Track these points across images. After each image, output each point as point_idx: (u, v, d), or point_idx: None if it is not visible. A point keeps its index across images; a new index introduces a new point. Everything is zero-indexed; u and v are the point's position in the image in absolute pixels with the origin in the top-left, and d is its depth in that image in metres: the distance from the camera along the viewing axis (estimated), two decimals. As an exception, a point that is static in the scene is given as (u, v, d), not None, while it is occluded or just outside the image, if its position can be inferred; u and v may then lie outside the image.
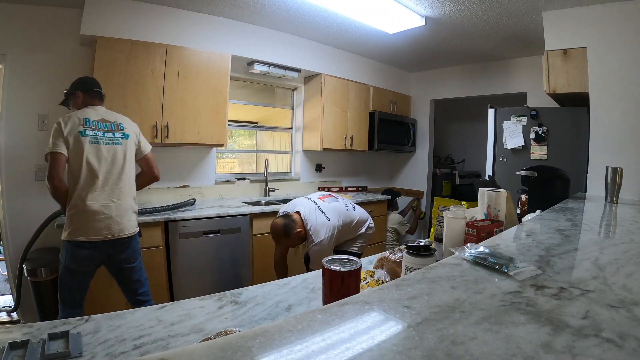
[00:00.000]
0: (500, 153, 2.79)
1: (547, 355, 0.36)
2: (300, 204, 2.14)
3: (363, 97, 3.87)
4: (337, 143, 3.63)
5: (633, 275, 0.64)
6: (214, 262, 2.53)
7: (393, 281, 0.60)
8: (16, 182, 2.33)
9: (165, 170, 2.88)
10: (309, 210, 2.06)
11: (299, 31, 3.21)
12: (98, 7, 2.33)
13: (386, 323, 0.44)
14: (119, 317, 0.81)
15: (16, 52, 2.29)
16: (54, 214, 2.21)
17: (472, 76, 4.04)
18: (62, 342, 0.69)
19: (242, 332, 0.51)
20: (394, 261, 1.07)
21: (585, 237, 1.02)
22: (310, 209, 2.07)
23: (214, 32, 2.84)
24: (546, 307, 0.49)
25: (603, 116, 2.28)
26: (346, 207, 2.20)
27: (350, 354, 0.36)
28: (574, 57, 2.38)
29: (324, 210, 2.07)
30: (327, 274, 0.73)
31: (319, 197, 2.21)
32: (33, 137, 2.36)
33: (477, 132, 4.76)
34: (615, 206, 1.71)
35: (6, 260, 2.43)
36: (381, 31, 3.01)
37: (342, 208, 2.17)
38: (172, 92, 2.55)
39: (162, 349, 0.69)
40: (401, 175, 4.80)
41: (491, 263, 0.66)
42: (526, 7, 2.46)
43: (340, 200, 2.26)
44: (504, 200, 1.24)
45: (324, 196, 2.25)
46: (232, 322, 0.81)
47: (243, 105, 3.42)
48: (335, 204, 2.18)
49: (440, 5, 2.51)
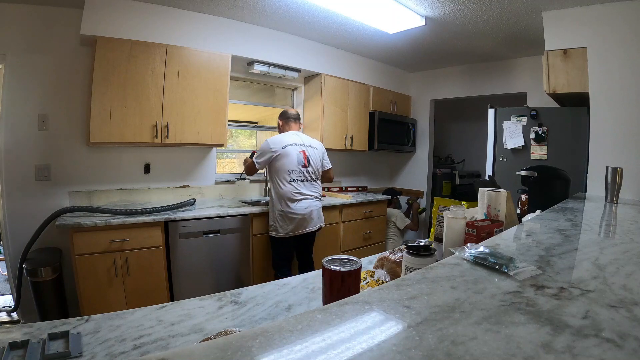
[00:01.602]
0: (500, 153, 2.79)
1: (547, 355, 0.36)
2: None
3: (363, 97, 3.87)
4: (337, 143, 3.63)
5: (633, 275, 0.64)
6: (214, 262, 2.53)
7: (393, 281, 0.60)
8: (16, 182, 2.33)
9: (165, 170, 2.88)
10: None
11: (299, 31, 3.21)
12: (98, 7, 2.33)
13: (386, 323, 0.44)
14: (119, 317, 0.81)
15: (16, 52, 2.29)
16: (54, 214, 2.21)
17: (472, 76, 4.04)
18: (62, 342, 0.69)
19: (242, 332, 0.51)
20: (394, 261, 1.07)
21: (585, 237, 1.02)
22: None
23: (214, 32, 2.84)
24: (546, 307, 0.49)
25: (603, 116, 2.28)
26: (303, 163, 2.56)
27: (350, 354, 0.36)
28: (574, 57, 2.38)
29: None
30: (327, 274, 0.73)
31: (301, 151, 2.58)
32: (33, 137, 2.36)
33: (477, 132, 4.77)
34: (615, 206, 1.71)
35: (6, 260, 2.43)
36: (381, 31, 3.01)
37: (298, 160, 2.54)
38: (172, 92, 2.55)
39: (162, 349, 0.69)
40: (401, 175, 4.80)
41: (491, 263, 0.66)
42: (526, 7, 2.46)
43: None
44: (504, 200, 1.24)
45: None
46: (232, 322, 0.81)
47: (243, 105, 3.42)
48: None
49: (440, 5, 2.51)
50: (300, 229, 2.53)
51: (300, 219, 2.51)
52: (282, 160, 2.50)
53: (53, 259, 2.21)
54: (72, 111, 2.46)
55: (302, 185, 2.54)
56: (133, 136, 2.42)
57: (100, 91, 2.28)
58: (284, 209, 2.49)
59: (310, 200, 2.57)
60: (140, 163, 2.76)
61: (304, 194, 2.53)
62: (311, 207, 2.56)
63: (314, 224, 2.59)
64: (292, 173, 2.51)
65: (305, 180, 2.57)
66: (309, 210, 2.54)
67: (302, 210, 2.51)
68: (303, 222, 2.53)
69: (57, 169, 2.44)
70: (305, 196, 2.54)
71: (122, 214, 2.23)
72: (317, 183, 2.67)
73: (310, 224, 2.56)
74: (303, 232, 2.55)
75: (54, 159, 2.43)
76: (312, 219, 2.57)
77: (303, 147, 2.60)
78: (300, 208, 2.51)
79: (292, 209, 2.49)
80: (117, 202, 2.65)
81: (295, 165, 2.52)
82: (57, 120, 2.43)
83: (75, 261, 2.03)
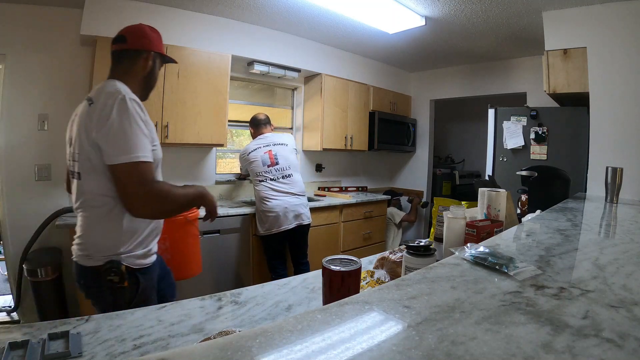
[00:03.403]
0: (500, 153, 2.79)
1: (547, 355, 0.36)
2: None
3: (363, 97, 3.87)
4: (337, 143, 3.63)
5: (633, 275, 0.64)
6: (214, 262, 2.53)
7: (393, 281, 0.60)
8: (16, 182, 2.33)
9: (165, 171, 2.86)
10: None
11: (299, 31, 3.21)
12: (98, 7, 2.33)
13: (386, 323, 0.44)
14: (119, 317, 0.81)
15: (16, 52, 2.29)
16: (54, 214, 2.21)
17: (472, 76, 4.04)
18: (62, 342, 0.69)
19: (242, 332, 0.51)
20: (394, 261, 1.07)
21: (585, 237, 1.02)
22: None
23: (214, 32, 2.84)
24: (546, 307, 0.49)
25: (603, 116, 2.28)
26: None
27: (350, 354, 0.36)
28: (574, 57, 2.38)
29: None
30: (327, 274, 0.73)
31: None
32: (33, 137, 2.36)
33: (477, 132, 4.77)
34: (615, 206, 1.71)
35: (6, 260, 2.43)
36: (381, 31, 3.01)
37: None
38: (172, 92, 2.55)
39: (162, 349, 0.69)
40: (401, 175, 4.80)
41: (491, 263, 0.66)
42: (526, 7, 2.46)
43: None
44: (504, 200, 1.24)
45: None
46: (232, 322, 0.81)
47: (243, 105, 3.42)
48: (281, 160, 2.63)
49: (440, 5, 2.51)
50: (275, 227, 2.53)
51: (274, 217, 2.52)
52: (251, 166, 2.63)
53: (53, 259, 2.21)
54: (72, 111, 2.45)
55: (273, 183, 2.58)
56: (133, 136, 2.42)
57: (100, 91, 2.28)
58: (260, 208, 2.58)
59: (285, 198, 2.57)
60: (140, 163, 2.76)
61: (277, 192, 2.56)
62: (285, 204, 2.56)
63: (289, 222, 2.56)
64: (259, 175, 2.60)
65: (275, 179, 2.59)
66: (282, 207, 2.54)
67: (275, 208, 2.53)
68: (277, 220, 2.53)
69: (57, 169, 2.44)
70: (278, 194, 2.56)
71: (122, 214, 2.22)
72: (292, 179, 2.65)
73: (286, 222, 2.55)
74: (279, 231, 2.54)
75: (54, 159, 2.43)
76: (286, 217, 2.55)
77: (269, 147, 2.64)
78: (273, 206, 2.53)
79: (266, 207, 2.54)
80: (117, 202, 2.64)
81: (262, 167, 2.60)
82: (57, 120, 2.42)
83: (75, 261, 2.02)
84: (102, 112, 1.01)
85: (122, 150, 0.99)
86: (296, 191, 2.64)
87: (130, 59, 1.19)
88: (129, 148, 0.99)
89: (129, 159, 0.99)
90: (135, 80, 1.18)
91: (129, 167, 0.99)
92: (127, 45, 1.18)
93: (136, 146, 1.00)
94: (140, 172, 1.01)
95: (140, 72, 1.20)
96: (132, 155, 0.99)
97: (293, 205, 2.59)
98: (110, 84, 1.08)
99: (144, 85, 1.24)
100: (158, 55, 1.26)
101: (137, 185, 1.01)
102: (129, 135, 1.00)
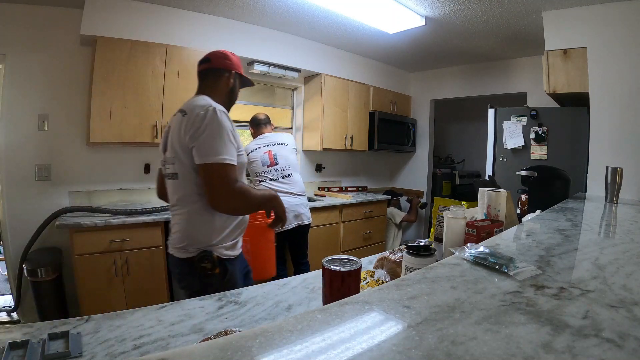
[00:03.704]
0: (500, 153, 2.79)
1: (547, 355, 0.36)
2: None
3: (363, 97, 3.87)
4: (337, 143, 3.63)
5: (633, 275, 0.64)
6: (214, 262, 2.53)
7: (393, 281, 0.60)
8: (16, 182, 2.33)
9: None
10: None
11: (299, 31, 3.21)
12: (98, 7, 2.33)
13: (386, 323, 0.44)
14: (119, 317, 0.81)
15: (16, 52, 2.29)
16: (54, 214, 2.21)
17: (472, 76, 4.04)
18: (62, 342, 0.69)
19: (242, 332, 0.51)
20: (394, 261, 1.07)
21: (585, 237, 1.02)
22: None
23: (214, 32, 2.84)
24: (546, 307, 0.49)
25: (603, 116, 2.28)
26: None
27: (350, 354, 0.36)
28: (574, 57, 2.38)
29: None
30: (327, 274, 0.73)
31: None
32: (33, 137, 2.36)
33: (477, 132, 4.77)
34: (615, 206, 1.71)
35: (6, 260, 2.43)
36: (381, 31, 3.01)
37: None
38: (172, 92, 2.55)
39: (162, 349, 0.69)
40: (401, 175, 4.80)
41: (491, 263, 0.66)
42: (526, 7, 2.46)
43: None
44: (504, 200, 1.24)
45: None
46: (232, 322, 0.81)
47: (243, 105, 3.42)
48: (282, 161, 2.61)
49: (440, 5, 2.51)
50: None
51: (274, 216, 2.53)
52: (250, 166, 2.63)
53: (53, 259, 2.21)
54: (72, 111, 2.46)
55: (272, 183, 2.58)
56: (133, 136, 2.42)
57: (100, 91, 2.28)
58: None
59: (285, 198, 2.54)
60: (140, 163, 2.76)
61: (276, 192, 2.56)
62: (285, 204, 2.54)
63: (289, 222, 2.56)
64: (259, 175, 2.61)
65: (275, 179, 2.59)
66: None
67: None
68: None
69: (57, 169, 2.44)
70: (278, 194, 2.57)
71: (122, 214, 2.23)
72: (292, 179, 2.65)
73: (286, 222, 2.56)
74: (279, 231, 2.53)
75: (54, 159, 2.43)
76: (286, 217, 2.56)
77: (269, 147, 2.64)
78: None
79: None
80: (117, 202, 2.65)
81: (261, 167, 2.60)
82: (57, 120, 2.43)
83: (75, 261, 2.03)
84: (195, 121, 1.15)
85: (212, 152, 1.13)
86: (296, 191, 2.64)
87: (214, 76, 1.35)
88: (218, 151, 1.13)
89: (216, 160, 1.12)
90: (220, 95, 1.33)
91: (216, 167, 1.13)
92: (211, 65, 1.36)
93: (224, 150, 1.14)
94: (225, 172, 1.14)
95: (223, 88, 1.36)
96: (219, 157, 1.13)
97: (293, 205, 2.59)
98: (201, 98, 1.23)
99: (227, 100, 1.38)
100: (238, 76, 1.42)
101: (221, 184, 1.14)
102: (218, 140, 1.14)
